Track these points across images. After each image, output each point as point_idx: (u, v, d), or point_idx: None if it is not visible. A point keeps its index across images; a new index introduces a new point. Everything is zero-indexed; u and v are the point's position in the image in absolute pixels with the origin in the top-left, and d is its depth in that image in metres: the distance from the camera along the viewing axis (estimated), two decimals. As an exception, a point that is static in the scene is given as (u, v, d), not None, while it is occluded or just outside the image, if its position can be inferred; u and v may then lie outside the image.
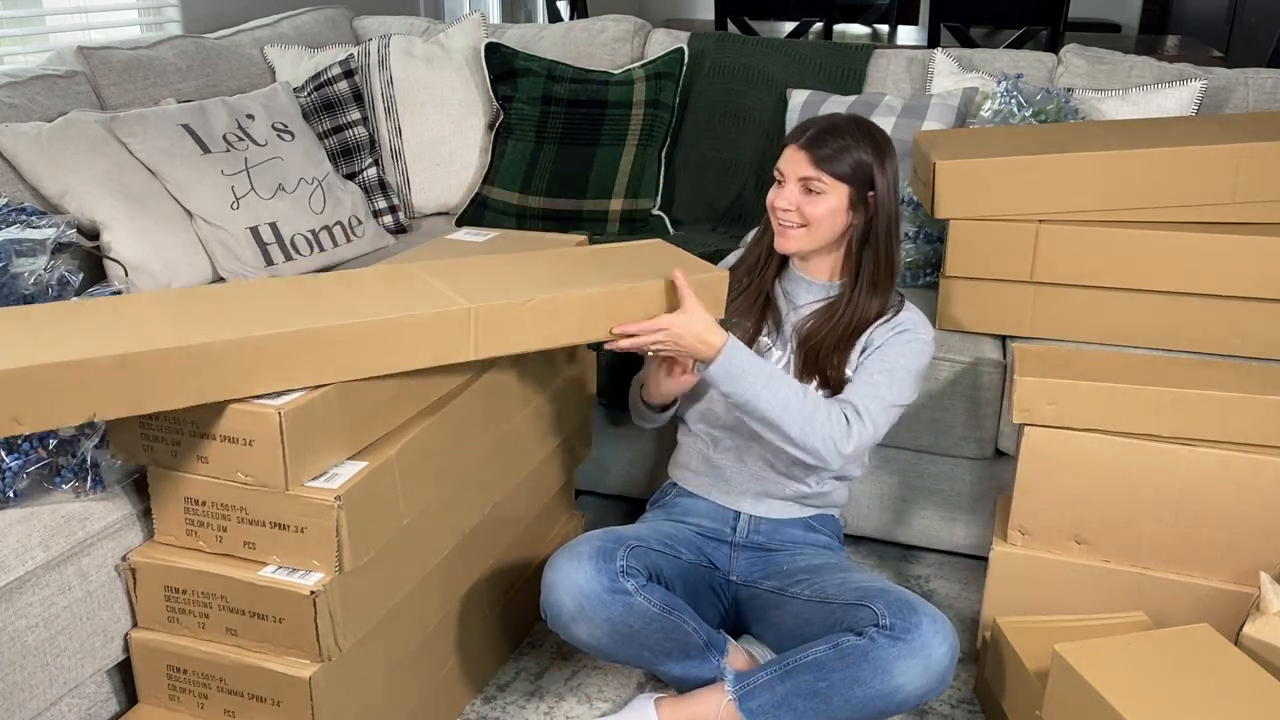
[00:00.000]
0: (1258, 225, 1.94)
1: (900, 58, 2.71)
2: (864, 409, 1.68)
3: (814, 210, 1.71)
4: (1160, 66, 2.52)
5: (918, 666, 1.51)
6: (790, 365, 1.78)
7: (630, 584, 1.58)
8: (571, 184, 2.66)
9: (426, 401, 1.57)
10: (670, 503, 1.90)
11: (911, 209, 2.34)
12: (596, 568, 1.57)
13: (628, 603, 1.57)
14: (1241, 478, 1.70)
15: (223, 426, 1.35)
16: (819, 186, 1.71)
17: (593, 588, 1.56)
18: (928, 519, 2.18)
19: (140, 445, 1.42)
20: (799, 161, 1.72)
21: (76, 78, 2.37)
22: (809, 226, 1.73)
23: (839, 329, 1.76)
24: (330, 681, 1.44)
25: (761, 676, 1.62)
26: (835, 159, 1.70)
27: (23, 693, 1.38)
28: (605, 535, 1.66)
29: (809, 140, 1.72)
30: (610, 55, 2.88)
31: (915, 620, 1.53)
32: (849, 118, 1.75)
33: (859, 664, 1.53)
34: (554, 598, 1.59)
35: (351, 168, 2.66)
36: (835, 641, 1.56)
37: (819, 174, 1.70)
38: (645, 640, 1.62)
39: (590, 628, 1.58)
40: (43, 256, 1.68)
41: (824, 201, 1.71)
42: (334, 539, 1.37)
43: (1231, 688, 1.41)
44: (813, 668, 1.56)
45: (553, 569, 1.60)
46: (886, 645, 1.52)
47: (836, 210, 1.72)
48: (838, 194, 1.71)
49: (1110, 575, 1.80)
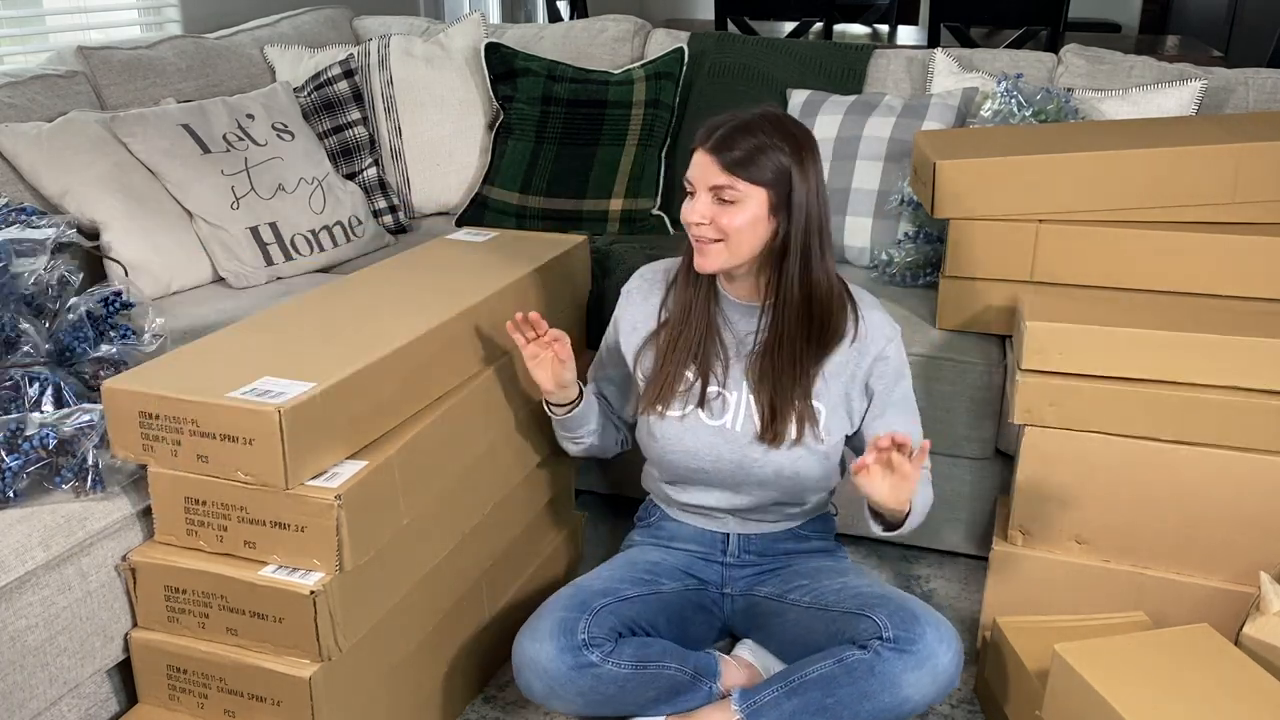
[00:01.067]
0: (1258, 225, 1.94)
1: (900, 58, 2.71)
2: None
3: (730, 221, 1.54)
4: (1160, 66, 2.51)
5: (925, 677, 1.50)
6: (752, 410, 1.65)
7: (595, 655, 1.56)
8: (571, 184, 2.66)
9: (426, 400, 1.57)
10: (656, 525, 1.85)
11: (911, 209, 2.34)
12: (559, 646, 1.55)
13: (596, 674, 1.56)
14: (1241, 478, 1.70)
15: (222, 425, 1.35)
16: (733, 195, 1.53)
17: (557, 668, 1.55)
18: (928, 519, 2.17)
19: (140, 445, 1.42)
20: (708, 167, 1.54)
21: (76, 78, 2.37)
22: (727, 240, 1.55)
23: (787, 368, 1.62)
24: (330, 681, 1.43)
25: (768, 694, 1.59)
26: (748, 161, 1.52)
27: (23, 693, 1.38)
28: (570, 601, 1.62)
29: (717, 142, 1.53)
30: (610, 55, 2.88)
31: (919, 630, 1.52)
32: (762, 113, 1.57)
33: (866, 679, 1.51)
34: (523, 681, 1.58)
35: (351, 168, 2.66)
36: (839, 656, 1.54)
37: (731, 180, 1.52)
38: (624, 700, 1.60)
39: (564, 703, 1.58)
40: (43, 256, 1.68)
41: (740, 211, 1.53)
42: (334, 538, 1.37)
43: (1231, 688, 1.41)
44: (819, 684, 1.55)
45: (518, 650, 1.58)
46: (892, 659, 1.51)
47: (757, 219, 1.54)
48: (756, 200, 1.53)
49: (1110, 575, 1.80)
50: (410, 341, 1.53)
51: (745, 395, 1.66)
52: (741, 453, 1.67)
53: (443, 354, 1.60)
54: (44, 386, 1.52)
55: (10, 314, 1.58)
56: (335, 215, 2.46)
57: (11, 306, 1.59)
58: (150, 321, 1.73)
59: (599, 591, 1.65)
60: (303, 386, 1.37)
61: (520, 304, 1.78)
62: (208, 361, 1.47)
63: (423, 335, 1.55)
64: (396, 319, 1.60)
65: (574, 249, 1.94)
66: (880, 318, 1.68)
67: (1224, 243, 1.91)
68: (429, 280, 1.77)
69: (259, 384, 1.38)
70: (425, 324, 1.58)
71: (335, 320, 1.61)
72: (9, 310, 1.58)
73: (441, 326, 1.59)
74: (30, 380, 1.52)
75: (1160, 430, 1.72)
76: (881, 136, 2.42)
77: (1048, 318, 1.76)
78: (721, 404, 1.67)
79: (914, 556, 2.28)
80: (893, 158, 2.40)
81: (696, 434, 1.68)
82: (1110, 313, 1.79)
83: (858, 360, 1.66)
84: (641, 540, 1.86)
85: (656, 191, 2.69)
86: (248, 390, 1.36)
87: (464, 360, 1.65)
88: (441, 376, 1.59)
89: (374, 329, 1.57)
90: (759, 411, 1.65)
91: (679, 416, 1.68)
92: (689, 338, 1.66)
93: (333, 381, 1.40)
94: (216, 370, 1.43)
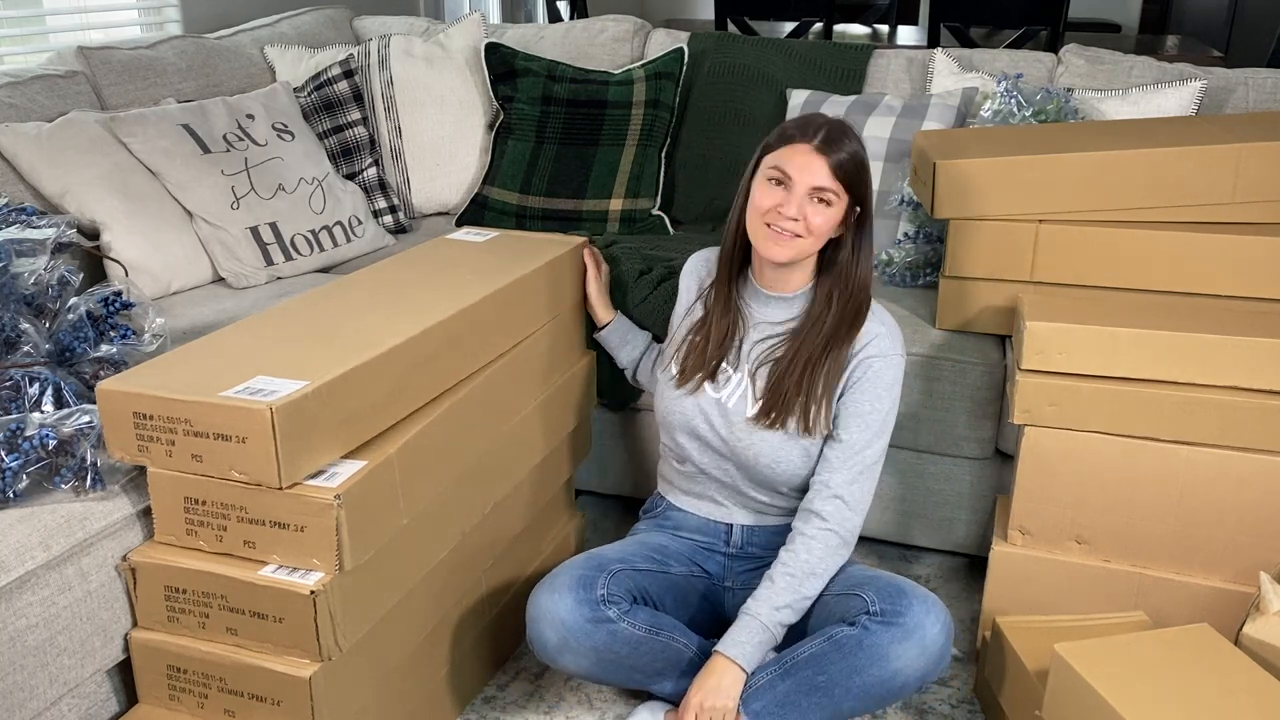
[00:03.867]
0: (1258, 225, 1.94)
1: (900, 58, 2.71)
2: (850, 498, 1.64)
3: (822, 222, 1.58)
4: (1160, 66, 2.51)
5: (913, 649, 1.52)
6: (747, 392, 1.70)
7: (613, 611, 1.57)
8: (571, 184, 2.66)
9: (423, 400, 1.57)
10: (662, 515, 1.88)
11: (911, 209, 2.34)
12: (577, 599, 1.56)
13: (612, 630, 1.57)
14: (1241, 478, 1.70)
15: (216, 424, 1.35)
16: (830, 197, 1.57)
17: (575, 619, 1.55)
18: (928, 519, 2.18)
19: (136, 445, 1.41)
20: (814, 167, 1.56)
21: (76, 78, 2.37)
22: (808, 237, 1.60)
23: (802, 358, 1.65)
24: (330, 681, 1.43)
25: (762, 678, 1.61)
26: (850, 167, 1.56)
27: (23, 693, 1.38)
28: (587, 562, 1.64)
29: (825, 141, 1.56)
30: (610, 55, 2.88)
31: (905, 603, 1.53)
32: (836, 117, 1.62)
33: (855, 653, 1.53)
34: (537, 631, 1.58)
35: (351, 168, 2.66)
36: (829, 634, 1.56)
37: (836, 185, 1.56)
38: (635, 663, 1.61)
39: (576, 658, 1.58)
40: (43, 256, 1.68)
41: (831, 213, 1.59)
42: (334, 538, 1.37)
43: (1231, 688, 1.41)
44: (810, 663, 1.57)
45: (534, 603, 1.59)
46: (880, 631, 1.52)
47: (836, 222, 1.60)
48: (842, 205, 1.59)
49: (1110, 575, 1.80)
50: (405, 341, 1.53)
51: (745, 377, 1.71)
52: (730, 428, 1.71)
53: (439, 354, 1.60)
54: (44, 386, 1.52)
55: (10, 314, 1.58)
56: (335, 215, 2.46)
57: (11, 306, 1.59)
58: (150, 321, 1.73)
59: (615, 558, 1.68)
60: (296, 385, 1.37)
61: (518, 304, 1.78)
62: (201, 362, 1.47)
63: (418, 335, 1.55)
64: (393, 319, 1.60)
65: (573, 250, 1.94)
66: (885, 334, 1.68)
67: (1224, 243, 1.91)
68: (427, 280, 1.77)
69: (252, 383, 1.38)
70: (421, 324, 1.57)
71: (331, 320, 1.61)
72: (9, 310, 1.58)
73: (438, 326, 1.59)
74: (30, 380, 1.52)
75: (1160, 430, 1.72)
76: (881, 136, 2.42)
77: (1048, 318, 1.76)
78: (725, 379, 1.72)
79: (914, 556, 2.28)
80: (893, 158, 2.40)
81: (698, 401, 1.74)
82: (1110, 313, 1.79)
83: (849, 362, 1.67)
84: (647, 528, 1.88)
85: (656, 191, 2.69)
86: (241, 389, 1.36)
87: (461, 360, 1.65)
88: (438, 376, 1.59)
89: (370, 329, 1.56)
90: (758, 394, 1.69)
91: (690, 388, 1.74)
92: (721, 326, 1.73)
93: (326, 380, 1.39)
94: (210, 370, 1.43)
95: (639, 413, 2.25)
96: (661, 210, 2.69)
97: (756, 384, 1.70)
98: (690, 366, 1.74)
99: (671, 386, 1.77)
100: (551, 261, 1.88)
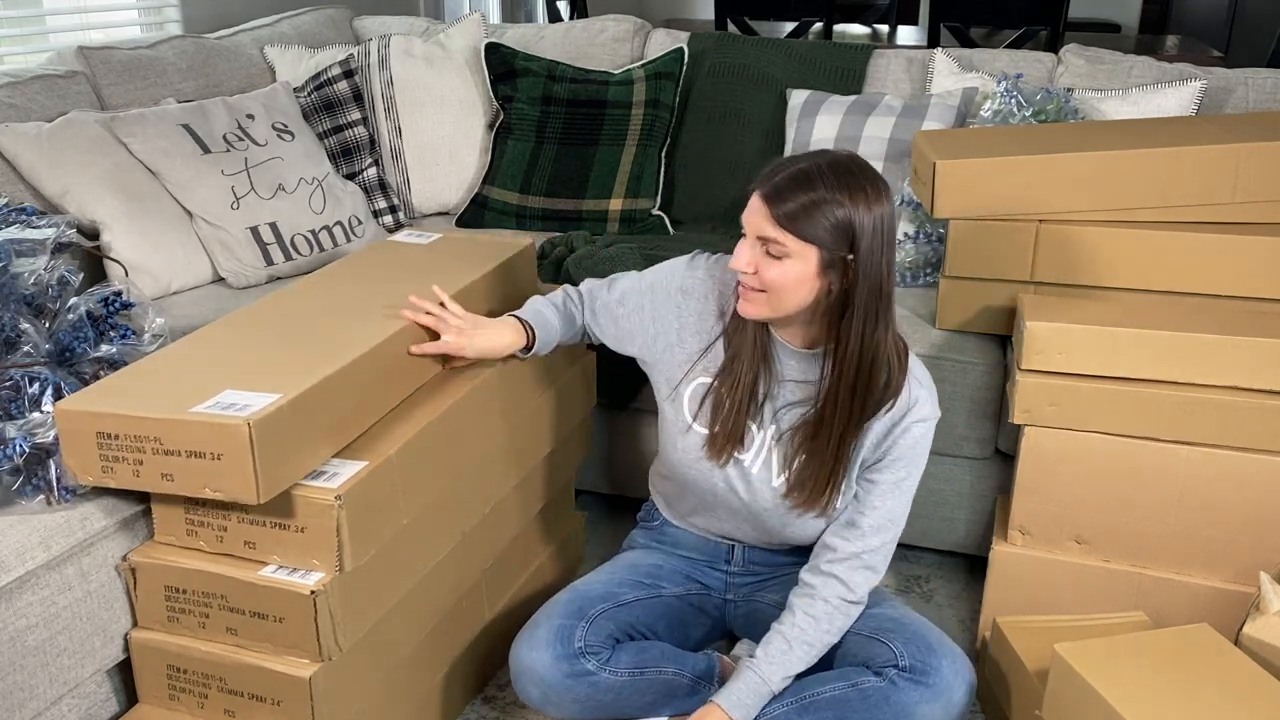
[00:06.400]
0: (1258, 225, 1.94)
1: (900, 58, 2.71)
2: (879, 565, 1.58)
3: (771, 276, 1.42)
4: (1160, 66, 2.52)
5: (939, 710, 1.51)
6: (771, 457, 1.59)
7: (592, 663, 1.56)
8: (571, 184, 2.66)
9: (393, 403, 1.56)
10: (658, 531, 1.83)
11: (912, 209, 2.34)
12: (555, 655, 1.55)
13: (592, 682, 1.56)
14: (1241, 478, 1.70)
15: (189, 441, 1.31)
16: (779, 250, 1.41)
17: (553, 676, 1.55)
18: (928, 519, 2.18)
19: (99, 466, 1.37)
20: (760, 216, 1.42)
21: (76, 78, 2.36)
22: (768, 294, 1.45)
23: (834, 435, 1.51)
24: (330, 681, 1.43)
25: (778, 710, 1.58)
26: (801, 217, 1.38)
27: (23, 693, 1.38)
28: (567, 607, 1.61)
29: (773, 191, 1.41)
30: (610, 55, 2.88)
31: (935, 663, 1.52)
32: (830, 159, 1.42)
33: (880, 707, 1.51)
34: (520, 687, 1.58)
35: (351, 168, 2.66)
36: (854, 681, 1.54)
37: (781, 235, 1.40)
38: (623, 705, 1.60)
39: (561, 710, 1.58)
40: (43, 256, 1.68)
41: (785, 268, 1.41)
42: (334, 538, 1.37)
43: (1231, 688, 1.41)
44: (832, 705, 1.55)
45: (514, 656, 1.58)
46: (908, 689, 1.51)
47: (802, 278, 1.42)
48: (803, 259, 1.41)
49: (1110, 575, 1.80)
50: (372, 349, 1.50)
51: (769, 439, 1.59)
52: (753, 495, 1.63)
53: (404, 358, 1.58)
54: (44, 386, 1.52)
55: (10, 314, 1.57)
56: (335, 215, 2.46)
57: (11, 306, 1.59)
58: (150, 321, 1.72)
59: (597, 597, 1.65)
60: (268, 398, 1.34)
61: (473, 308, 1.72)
62: (160, 378, 1.43)
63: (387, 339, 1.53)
64: (351, 325, 1.57)
65: (521, 253, 1.91)
66: (926, 397, 1.56)
67: (1224, 243, 1.91)
68: (377, 285, 1.73)
69: (221, 398, 1.34)
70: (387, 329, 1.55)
71: (285, 330, 1.57)
72: (9, 310, 1.58)
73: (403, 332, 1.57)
74: (30, 380, 1.52)
75: (1160, 430, 1.72)
76: (881, 136, 2.42)
77: (1048, 318, 1.76)
78: (750, 440, 1.60)
79: (914, 556, 2.28)
80: (893, 158, 2.40)
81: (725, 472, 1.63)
82: (1110, 313, 1.79)
83: (886, 430, 1.55)
84: (644, 543, 1.85)
85: (656, 191, 2.69)
86: (211, 405, 1.33)
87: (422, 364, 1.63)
88: (406, 379, 1.57)
89: (328, 336, 1.53)
90: (784, 462, 1.59)
91: (721, 461, 1.61)
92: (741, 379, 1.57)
93: (299, 391, 1.36)
94: (172, 386, 1.39)
95: (639, 413, 2.25)
96: (661, 210, 2.69)
97: (781, 450, 1.59)
98: (720, 433, 1.59)
99: (695, 446, 1.63)
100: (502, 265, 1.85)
